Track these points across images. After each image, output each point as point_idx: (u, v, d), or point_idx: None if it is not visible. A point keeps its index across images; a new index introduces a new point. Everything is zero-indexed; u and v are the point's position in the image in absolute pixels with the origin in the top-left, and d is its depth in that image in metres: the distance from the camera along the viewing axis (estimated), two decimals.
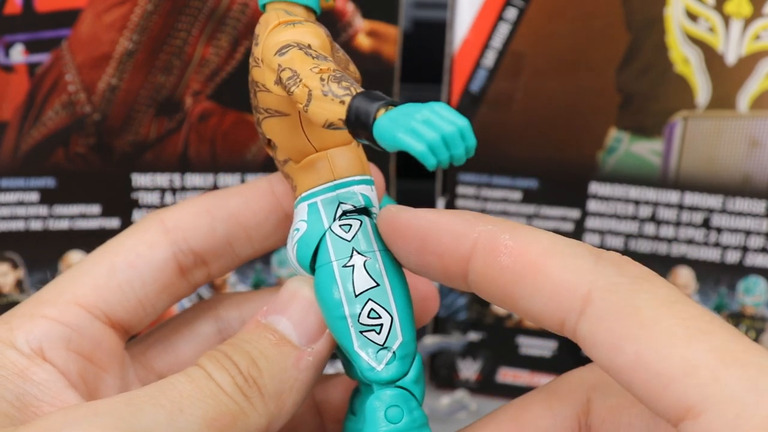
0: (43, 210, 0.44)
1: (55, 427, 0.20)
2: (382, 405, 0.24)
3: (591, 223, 0.47)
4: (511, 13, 0.44)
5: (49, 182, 0.43)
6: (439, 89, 0.46)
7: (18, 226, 0.44)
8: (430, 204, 0.48)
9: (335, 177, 0.25)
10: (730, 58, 0.43)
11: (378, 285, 0.24)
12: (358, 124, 0.21)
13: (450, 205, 0.47)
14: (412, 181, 0.53)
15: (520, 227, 0.22)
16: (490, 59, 0.45)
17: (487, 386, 0.50)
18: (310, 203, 0.25)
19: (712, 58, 0.43)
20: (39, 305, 0.26)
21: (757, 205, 0.45)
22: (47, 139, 0.42)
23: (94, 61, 0.41)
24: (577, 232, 0.47)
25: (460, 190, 0.47)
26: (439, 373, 0.51)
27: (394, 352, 0.24)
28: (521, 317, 0.23)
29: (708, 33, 0.43)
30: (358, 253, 0.24)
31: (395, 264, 0.25)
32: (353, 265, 0.24)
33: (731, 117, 0.44)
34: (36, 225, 0.44)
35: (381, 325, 0.24)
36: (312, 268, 0.25)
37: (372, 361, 0.24)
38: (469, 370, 0.50)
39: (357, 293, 0.24)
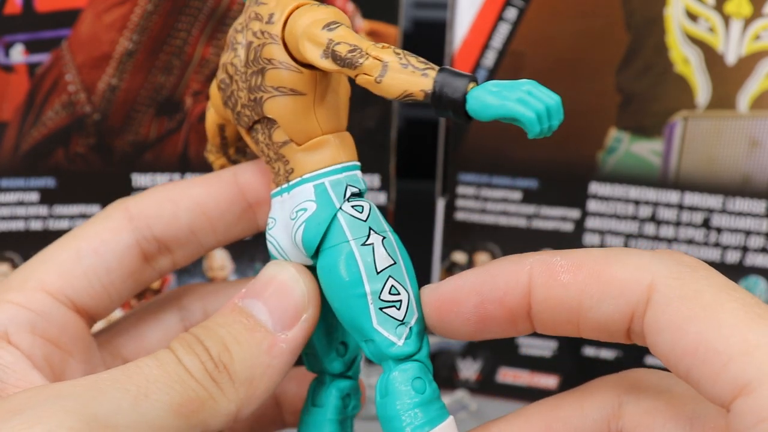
0: (43, 210, 0.44)
1: (17, 407, 0.21)
2: (409, 377, 0.24)
3: (591, 223, 0.47)
4: (511, 13, 0.44)
5: (49, 182, 0.43)
6: None
7: (18, 226, 0.44)
8: (431, 204, 0.48)
9: (342, 160, 0.26)
10: (730, 58, 0.43)
11: (395, 263, 0.25)
12: (444, 97, 0.22)
13: (450, 205, 0.47)
14: (412, 181, 0.53)
15: (568, 251, 0.23)
16: (490, 59, 0.45)
17: (487, 386, 0.50)
18: (317, 184, 0.25)
19: (712, 58, 0.43)
20: (5, 291, 0.26)
21: (757, 205, 0.45)
22: (47, 139, 0.42)
23: (94, 61, 0.41)
24: (577, 232, 0.47)
25: (460, 190, 0.47)
26: (439, 373, 0.51)
27: (410, 328, 0.25)
28: (587, 335, 0.23)
29: (708, 33, 0.43)
30: (375, 232, 0.25)
31: (401, 244, 0.26)
32: (373, 244, 0.25)
33: (731, 117, 0.44)
34: (36, 225, 0.44)
35: (400, 301, 0.25)
36: (316, 249, 0.25)
37: (393, 336, 0.24)
38: (469, 370, 0.50)
39: (378, 270, 0.24)
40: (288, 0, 0.25)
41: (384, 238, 0.25)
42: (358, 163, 0.26)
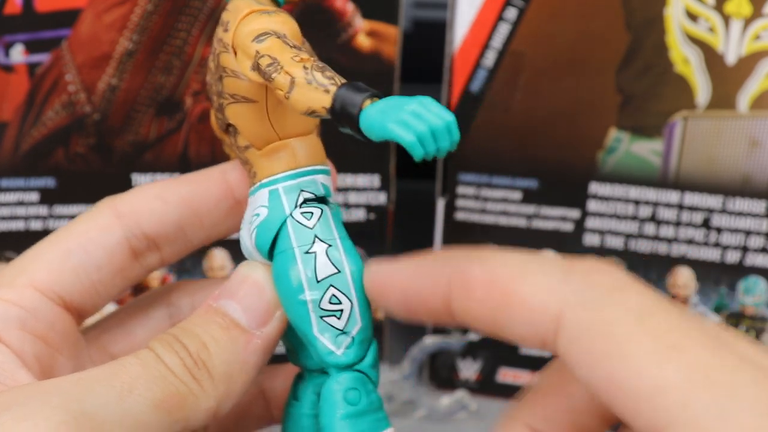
0: (43, 210, 0.44)
1: (4, 404, 0.21)
2: (341, 388, 0.24)
3: (591, 223, 0.47)
4: (511, 13, 0.44)
5: (49, 182, 0.43)
6: (439, 89, 0.46)
7: (18, 226, 0.44)
8: (431, 204, 0.48)
9: (297, 165, 0.26)
10: (730, 58, 0.43)
11: (339, 272, 0.25)
12: (343, 114, 0.21)
13: (450, 205, 0.47)
14: (412, 181, 0.53)
15: (490, 255, 0.23)
16: (490, 59, 0.45)
17: (487, 386, 0.50)
18: (272, 189, 0.26)
19: (712, 58, 0.43)
20: None
21: (757, 205, 0.45)
22: (47, 139, 0.42)
23: (94, 61, 0.41)
24: (577, 232, 0.47)
25: (460, 190, 0.47)
26: (439, 373, 0.51)
27: (353, 337, 0.25)
28: (513, 343, 0.23)
29: (708, 33, 0.43)
30: (320, 240, 0.25)
31: (354, 251, 0.26)
32: (315, 252, 0.25)
33: (731, 117, 0.44)
34: (36, 225, 0.44)
35: (341, 310, 0.25)
36: (270, 254, 0.26)
37: (331, 345, 0.25)
38: (469, 370, 0.50)
39: (319, 279, 0.25)
40: (243, 6, 0.25)
41: (329, 246, 0.25)
42: (322, 167, 0.26)
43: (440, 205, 0.48)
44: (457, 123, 0.21)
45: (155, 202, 0.28)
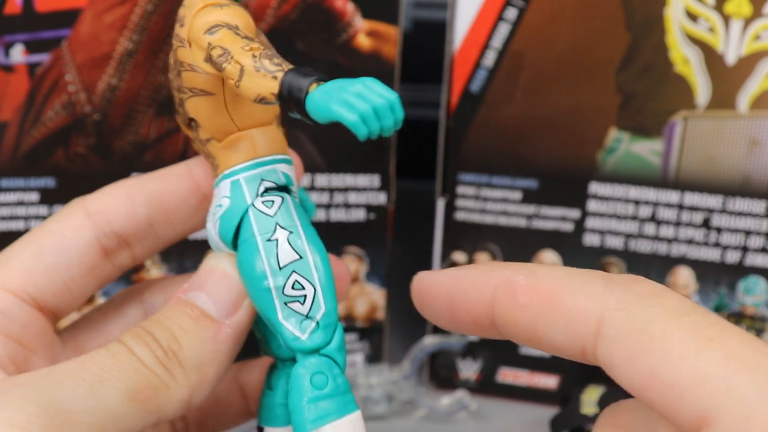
0: (43, 210, 0.44)
1: None
2: (308, 372, 0.25)
3: (591, 223, 0.47)
4: (511, 13, 0.44)
5: (49, 182, 0.43)
6: (439, 89, 0.46)
7: (18, 226, 0.44)
8: (431, 204, 0.48)
9: (257, 155, 0.26)
10: (730, 58, 0.43)
11: (301, 258, 0.25)
12: (291, 98, 0.22)
13: (450, 205, 0.47)
14: (412, 181, 0.53)
15: (536, 267, 0.23)
16: (490, 59, 0.45)
17: (487, 386, 0.50)
18: (233, 180, 0.26)
19: (712, 58, 0.43)
20: None
21: (757, 205, 0.45)
22: (47, 139, 0.42)
23: (94, 61, 0.41)
24: (577, 232, 0.47)
25: (460, 190, 0.47)
26: (439, 373, 0.51)
27: (317, 322, 0.25)
28: (549, 353, 0.23)
29: (708, 33, 0.43)
30: (281, 227, 0.25)
31: (317, 238, 0.26)
32: (277, 239, 0.25)
33: (731, 117, 0.44)
34: (36, 225, 0.44)
35: (305, 296, 0.25)
36: (234, 244, 0.26)
37: (296, 330, 0.25)
38: (469, 370, 0.50)
39: (281, 266, 0.25)
40: (197, 1, 0.26)
41: (291, 233, 0.25)
42: (283, 156, 0.27)
43: (440, 205, 0.48)
44: (400, 101, 0.21)
45: (124, 200, 0.28)
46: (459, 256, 0.49)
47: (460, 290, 0.24)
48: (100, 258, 0.28)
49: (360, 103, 0.21)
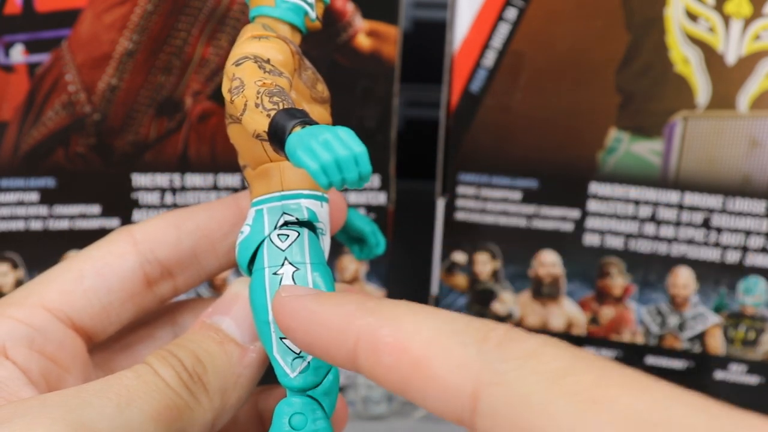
0: (43, 210, 0.44)
1: (5, 417, 0.21)
2: (289, 410, 0.25)
3: (591, 223, 0.47)
4: (511, 13, 0.44)
5: (49, 182, 0.43)
6: (439, 89, 0.46)
7: (18, 226, 0.44)
8: (431, 204, 0.48)
9: (283, 188, 0.26)
10: (730, 58, 0.43)
11: None
12: (276, 138, 0.22)
13: (450, 205, 0.47)
14: (412, 181, 0.53)
15: (402, 318, 0.21)
16: (490, 59, 0.45)
17: None
18: (258, 209, 0.26)
19: (712, 58, 0.43)
20: (6, 307, 0.27)
21: (757, 205, 0.45)
22: (47, 139, 0.42)
23: (94, 61, 0.41)
24: (577, 232, 0.47)
25: (460, 190, 0.47)
26: None
27: (308, 363, 0.25)
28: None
29: (708, 33, 0.43)
30: (290, 263, 0.25)
31: (327, 279, 0.25)
32: (282, 274, 0.25)
33: (731, 117, 0.44)
34: (36, 225, 0.44)
35: None
36: (249, 270, 0.26)
37: (287, 367, 0.25)
38: None
39: None
40: (248, 31, 0.26)
41: (297, 270, 0.25)
42: (311, 192, 0.26)
43: (440, 205, 0.48)
44: (367, 155, 0.20)
45: (170, 230, 0.29)
46: (459, 256, 0.49)
47: (318, 334, 0.22)
48: (142, 286, 0.28)
49: (323, 152, 0.20)
